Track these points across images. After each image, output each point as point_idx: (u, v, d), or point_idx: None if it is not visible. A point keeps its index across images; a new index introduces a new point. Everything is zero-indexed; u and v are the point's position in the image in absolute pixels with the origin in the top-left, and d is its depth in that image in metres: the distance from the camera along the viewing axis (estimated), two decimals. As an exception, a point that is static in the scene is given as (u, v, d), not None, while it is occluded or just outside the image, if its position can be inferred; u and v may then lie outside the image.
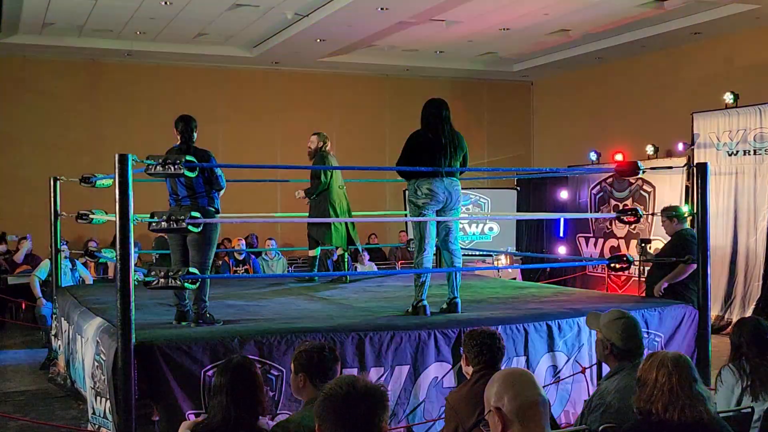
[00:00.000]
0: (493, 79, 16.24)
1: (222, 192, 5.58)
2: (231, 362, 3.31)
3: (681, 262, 6.44)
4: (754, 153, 10.22)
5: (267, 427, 3.27)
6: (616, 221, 8.25)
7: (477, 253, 13.20)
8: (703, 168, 6.01)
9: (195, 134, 5.59)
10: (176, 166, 4.86)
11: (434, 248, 5.97)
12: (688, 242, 6.58)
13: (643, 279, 10.89)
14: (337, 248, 8.28)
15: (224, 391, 3.16)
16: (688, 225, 6.94)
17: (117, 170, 4.51)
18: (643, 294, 8.03)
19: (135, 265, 4.67)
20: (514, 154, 16.54)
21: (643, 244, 10.11)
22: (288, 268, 12.68)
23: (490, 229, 13.56)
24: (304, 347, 3.48)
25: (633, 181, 11.95)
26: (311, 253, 8.38)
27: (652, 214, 11.07)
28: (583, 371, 5.39)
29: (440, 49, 13.85)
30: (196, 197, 5.39)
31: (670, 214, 6.95)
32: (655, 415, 2.85)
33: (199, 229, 5.15)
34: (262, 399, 3.25)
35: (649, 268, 7.33)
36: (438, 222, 5.85)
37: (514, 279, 11.46)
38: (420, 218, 5.76)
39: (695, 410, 2.83)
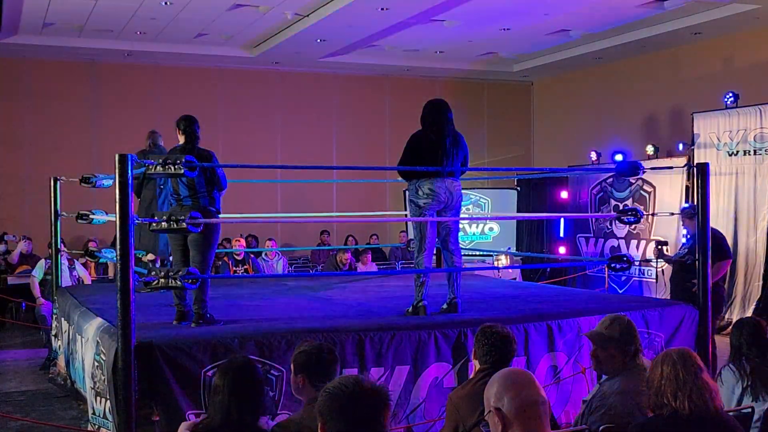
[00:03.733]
0: (493, 79, 16.24)
1: (223, 192, 5.59)
2: (233, 363, 3.31)
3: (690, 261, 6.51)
4: (754, 153, 10.21)
5: (267, 427, 3.26)
6: (616, 221, 8.26)
7: (477, 253, 13.20)
8: (703, 168, 6.01)
9: (198, 134, 5.59)
10: (176, 166, 4.86)
11: (434, 248, 5.96)
12: (716, 239, 6.69)
13: (653, 280, 10.95)
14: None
15: (225, 391, 3.16)
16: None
17: (117, 170, 4.51)
18: (668, 296, 8.05)
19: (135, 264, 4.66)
20: (514, 154, 16.55)
21: (660, 246, 10.14)
22: (288, 268, 12.68)
23: (491, 229, 13.56)
24: (302, 348, 3.48)
25: (633, 181, 11.95)
26: (150, 257, 7.45)
27: (653, 215, 11.08)
28: (583, 371, 5.39)
29: (440, 49, 13.85)
30: (197, 197, 5.39)
31: (691, 213, 7.03)
32: (668, 406, 2.89)
33: (200, 229, 5.14)
34: (262, 400, 3.25)
35: (672, 269, 7.38)
36: (439, 222, 5.85)
37: (514, 279, 11.46)
38: (421, 218, 5.76)
39: (701, 398, 2.88)
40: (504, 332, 3.87)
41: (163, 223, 4.93)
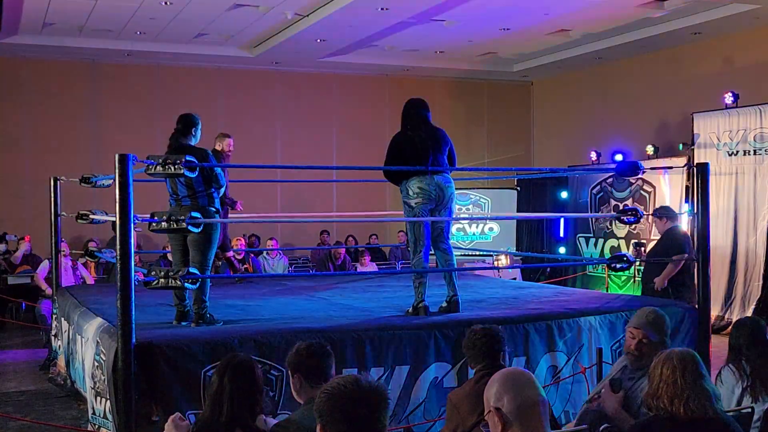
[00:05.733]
0: (493, 79, 16.23)
1: (222, 190, 5.58)
2: (232, 360, 3.31)
3: (669, 261, 6.98)
4: (754, 153, 10.21)
5: (265, 426, 3.26)
6: (616, 221, 8.30)
7: (477, 253, 13.20)
8: (703, 168, 6.01)
9: (194, 133, 5.56)
10: (176, 166, 4.86)
11: (430, 248, 5.95)
12: (677, 239, 7.23)
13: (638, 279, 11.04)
14: None
15: (222, 387, 3.16)
16: (677, 223, 7.45)
17: (117, 170, 4.51)
18: (640, 293, 8.21)
19: (135, 264, 4.66)
20: (514, 154, 16.55)
21: (637, 247, 10.47)
22: (288, 268, 12.68)
23: (491, 229, 13.56)
24: (295, 347, 3.50)
25: (633, 181, 11.95)
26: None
27: (653, 215, 11.08)
28: (583, 371, 5.39)
29: (440, 49, 13.85)
30: (196, 197, 5.38)
31: (661, 213, 7.45)
32: (663, 409, 2.88)
33: (200, 229, 5.14)
34: (259, 398, 3.24)
35: (643, 268, 7.61)
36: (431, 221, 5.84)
37: (514, 279, 11.46)
38: (418, 218, 5.75)
39: (700, 405, 2.85)
40: (486, 330, 3.93)
41: (162, 223, 4.93)
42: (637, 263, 10.71)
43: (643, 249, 10.74)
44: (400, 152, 5.73)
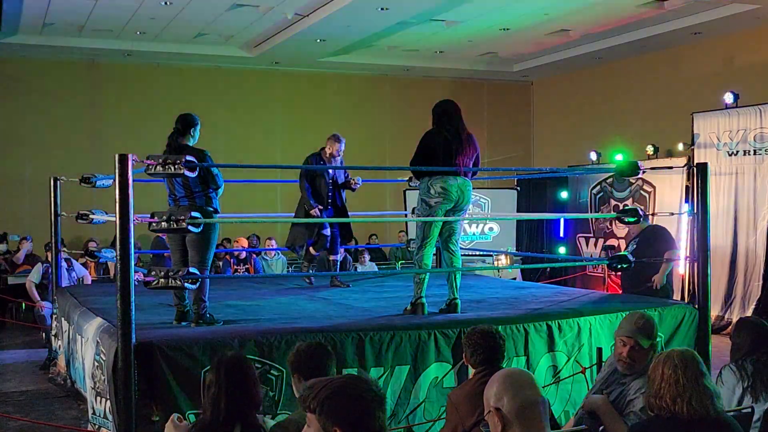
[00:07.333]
0: (493, 79, 16.24)
1: (220, 191, 5.57)
2: (224, 357, 3.32)
3: (662, 261, 7.08)
4: (754, 153, 10.21)
5: (264, 425, 3.26)
6: (616, 221, 8.32)
7: (477, 253, 13.20)
8: (703, 168, 6.01)
9: (193, 133, 5.55)
10: (176, 166, 4.86)
11: (435, 247, 5.96)
12: (664, 235, 7.33)
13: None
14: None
15: (217, 386, 3.17)
16: (649, 221, 7.65)
17: (117, 170, 4.51)
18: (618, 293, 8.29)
19: (135, 265, 4.66)
20: (514, 154, 16.54)
21: (607, 251, 10.67)
22: (287, 268, 12.68)
23: (490, 229, 13.56)
24: (295, 347, 3.50)
25: (633, 181, 11.94)
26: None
27: (653, 215, 11.08)
28: (583, 371, 5.39)
29: (440, 49, 13.85)
30: (193, 197, 5.38)
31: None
32: (666, 409, 2.87)
33: (199, 229, 5.13)
34: (255, 393, 3.25)
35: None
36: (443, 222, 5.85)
37: (514, 279, 11.46)
38: (421, 218, 5.76)
39: (702, 404, 2.85)
40: (485, 330, 3.93)
41: (162, 223, 4.93)
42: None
43: (611, 252, 10.82)
44: (432, 150, 5.72)
